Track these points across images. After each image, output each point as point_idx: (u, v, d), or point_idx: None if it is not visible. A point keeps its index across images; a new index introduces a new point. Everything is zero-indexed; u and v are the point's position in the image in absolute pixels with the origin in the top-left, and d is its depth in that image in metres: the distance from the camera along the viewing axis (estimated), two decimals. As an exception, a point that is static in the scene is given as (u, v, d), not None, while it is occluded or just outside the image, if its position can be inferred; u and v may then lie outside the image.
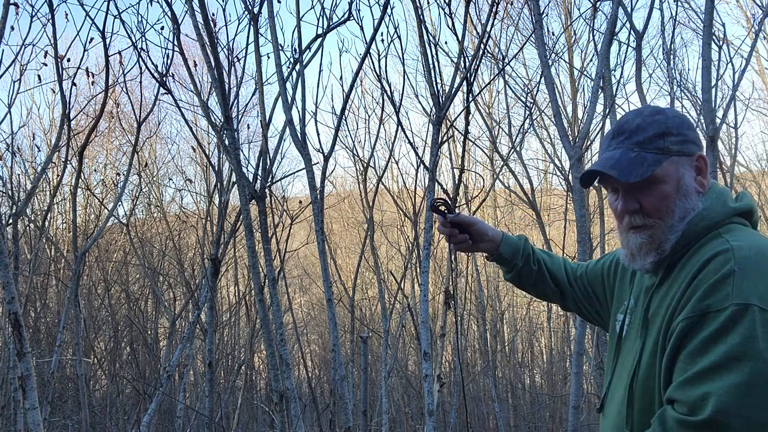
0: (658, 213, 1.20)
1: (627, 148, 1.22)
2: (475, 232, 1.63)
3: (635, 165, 1.19)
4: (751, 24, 8.71)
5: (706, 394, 0.98)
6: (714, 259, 1.09)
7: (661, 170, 1.20)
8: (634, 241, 1.23)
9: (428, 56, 4.23)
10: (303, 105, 4.43)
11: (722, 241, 1.13)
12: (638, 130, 1.23)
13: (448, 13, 4.40)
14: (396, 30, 4.61)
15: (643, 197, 1.21)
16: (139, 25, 4.36)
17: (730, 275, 1.05)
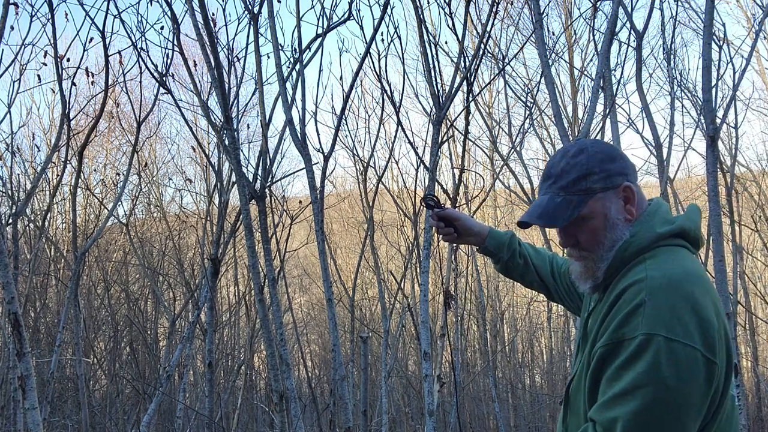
0: (591, 246, 1.32)
1: (553, 193, 1.34)
2: (460, 227, 1.80)
3: (561, 209, 1.32)
4: (751, 24, 8.71)
5: (615, 418, 1.12)
6: (629, 289, 1.20)
7: (587, 209, 1.31)
8: (574, 269, 1.38)
9: (428, 56, 4.23)
10: (303, 105, 4.43)
11: (641, 268, 1.22)
12: (562, 174, 1.33)
13: (448, 12, 4.40)
14: (396, 30, 4.61)
15: (577, 233, 1.33)
16: (139, 24, 4.36)
17: (641, 306, 1.15)
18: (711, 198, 3.89)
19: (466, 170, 6.76)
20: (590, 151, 1.33)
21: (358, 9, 4.44)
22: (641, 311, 1.14)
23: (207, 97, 5.18)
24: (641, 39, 4.89)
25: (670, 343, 1.09)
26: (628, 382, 1.11)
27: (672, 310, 1.12)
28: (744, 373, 10.15)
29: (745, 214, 8.68)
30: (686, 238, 1.30)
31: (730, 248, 7.29)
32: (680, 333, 1.10)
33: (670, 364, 1.09)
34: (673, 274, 1.18)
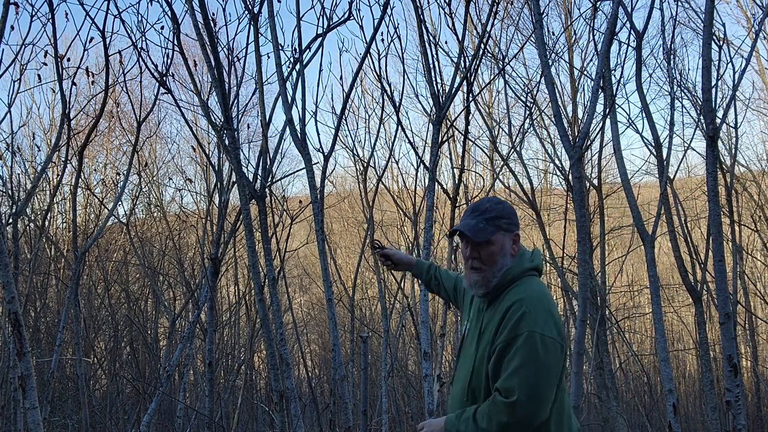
0: (487, 263, 1.98)
1: (478, 220, 1.99)
2: (395, 260, 2.69)
3: (481, 231, 1.98)
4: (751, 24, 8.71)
5: (512, 385, 1.80)
6: (516, 303, 1.89)
7: (494, 237, 1.99)
8: (472, 278, 2.01)
9: (428, 56, 4.23)
10: (303, 105, 4.44)
11: (521, 290, 1.93)
12: (486, 211, 2.00)
13: (448, 12, 4.41)
14: (396, 30, 4.62)
15: (481, 251, 1.98)
16: (139, 24, 4.36)
17: (524, 315, 1.86)
18: (711, 198, 3.89)
19: (466, 170, 6.77)
20: (505, 205, 2.04)
21: (358, 9, 4.45)
22: (524, 318, 1.85)
23: (207, 97, 5.18)
24: (641, 39, 4.89)
25: (542, 336, 1.82)
26: (519, 362, 1.80)
27: (541, 316, 1.85)
28: (744, 373, 10.14)
29: (745, 214, 8.68)
30: (538, 270, 2.03)
31: (730, 248, 7.30)
32: (547, 330, 1.83)
33: (543, 348, 1.81)
34: (538, 292, 1.94)
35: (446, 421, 1.94)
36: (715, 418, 5.59)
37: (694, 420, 9.82)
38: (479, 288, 1.99)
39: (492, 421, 1.84)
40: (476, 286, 1.99)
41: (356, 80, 4.66)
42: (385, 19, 4.35)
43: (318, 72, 5.43)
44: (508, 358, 1.82)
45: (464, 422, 1.90)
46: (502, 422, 1.82)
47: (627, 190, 4.86)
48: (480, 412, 1.88)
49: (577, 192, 4.32)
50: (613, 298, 11.46)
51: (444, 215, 7.67)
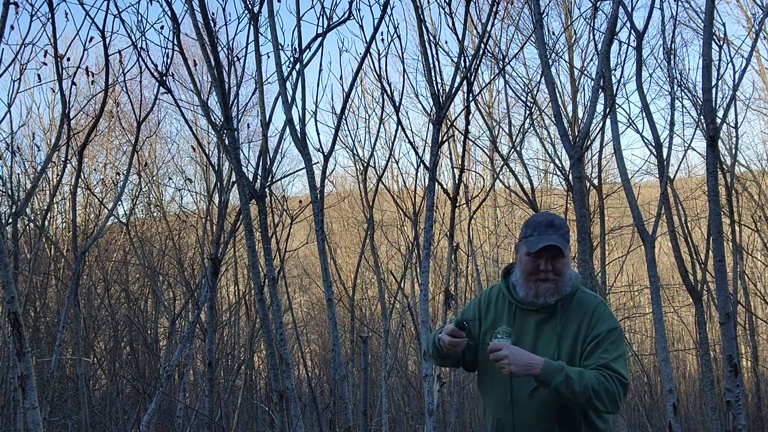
0: (560, 274, 2.14)
1: (558, 235, 2.14)
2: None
3: (563, 247, 2.13)
4: (751, 24, 8.71)
5: (622, 370, 2.04)
6: (601, 304, 2.18)
7: (566, 252, 2.16)
8: (544, 287, 2.14)
9: (428, 56, 4.23)
10: (303, 104, 4.44)
11: (592, 296, 2.21)
12: (560, 227, 2.17)
13: (449, 12, 4.41)
14: (396, 29, 4.62)
15: (555, 264, 2.13)
16: (139, 24, 4.35)
17: (609, 313, 2.17)
18: (711, 198, 3.89)
19: (466, 170, 6.77)
20: (563, 220, 2.25)
21: (358, 9, 4.44)
22: (608, 315, 2.15)
23: (207, 97, 5.17)
24: (641, 39, 4.88)
25: (620, 329, 2.16)
26: (621, 351, 2.09)
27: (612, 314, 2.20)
28: (744, 373, 10.14)
29: (745, 214, 8.67)
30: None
31: (730, 248, 7.29)
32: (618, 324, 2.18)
33: (623, 338, 2.16)
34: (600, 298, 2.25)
35: (545, 362, 1.99)
36: (715, 418, 5.59)
37: (694, 420, 9.82)
38: (551, 296, 2.13)
39: (608, 389, 1.98)
40: (548, 294, 2.13)
41: (356, 80, 4.66)
42: (385, 18, 4.35)
43: (318, 72, 5.41)
44: (610, 344, 2.06)
45: (576, 374, 1.97)
46: (613, 394, 1.98)
47: (627, 190, 4.86)
48: (591, 375, 1.99)
49: (577, 192, 4.32)
50: (614, 298, 11.45)
51: (444, 215, 7.66)
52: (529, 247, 2.14)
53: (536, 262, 2.13)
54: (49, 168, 8.30)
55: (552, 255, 2.12)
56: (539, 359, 2.00)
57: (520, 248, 2.22)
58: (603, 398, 1.97)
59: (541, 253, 2.12)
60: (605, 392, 1.97)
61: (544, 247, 2.11)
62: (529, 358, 2.00)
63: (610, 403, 1.98)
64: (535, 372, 1.98)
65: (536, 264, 2.13)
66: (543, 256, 2.12)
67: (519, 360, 1.99)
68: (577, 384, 1.96)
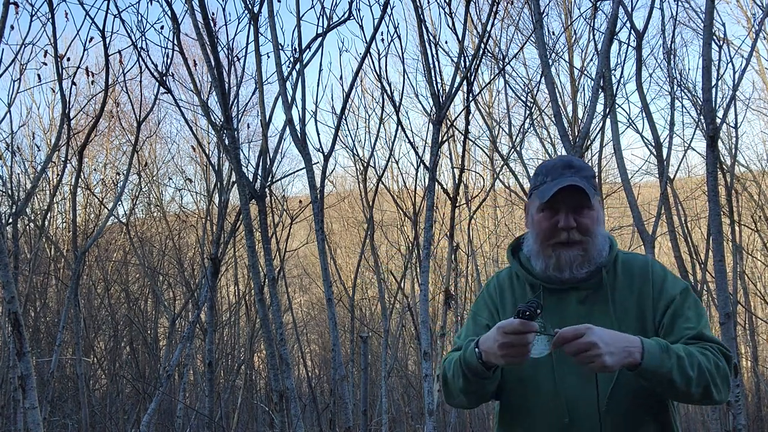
0: (587, 232, 1.56)
1: (580, 178, 1.57)
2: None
3: (588, 190, 1.55)
4: (751, 24, 8.70)
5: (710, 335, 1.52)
6: (653, 263, 1.64)
7: (594, 200, 1.58)
8: (568, 255, 1.55)
9: (428, 56, 4.23)
10: (303, 104, 4.44)
11: (635, 254, 1.69)
12: (582, 168, 1.60)
13: (448, 12, 4.41)
14: (396, 29, 4.62)
15: (580, 218, 1.55)
16: (139, 24, 4.36)
17: (667, 273, 1.62)
18: (711, 198, 3.89)
19: (466, 170, 6.77)
20: (587, 164, 1.67)
21: (358, 9, 4.44)
22: (670, 274, 1.62)
23: (207, 97, 5.17)
24: (641, 39, 4.89)
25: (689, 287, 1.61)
26: (704, 314, 1.57)
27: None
28: (744, 373, 10.14)
29: (745, 214, 8.67)
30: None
31: (730, 248, 7.29)
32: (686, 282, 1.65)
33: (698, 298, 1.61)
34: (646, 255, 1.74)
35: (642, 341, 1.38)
36: (715, 418, 5.59)
37: (694, 420, 9.82)
38: (579, 267, 1.54)
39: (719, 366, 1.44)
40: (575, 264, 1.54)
41: (356, 80, 4.66)
42: (385, 18, 4.35)
43: (318, 72, 5.42)
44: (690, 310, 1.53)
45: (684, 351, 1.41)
46: (725, 372, 1.45)
47: (627, 190, 4.86)
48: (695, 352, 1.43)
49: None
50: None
51: (444, 215, 7.66)
52: (541, 196, 1.55)
53: (553, 219, 1.54)
54: (49, 168, 8.29)
55: (574, 205, 1.53)
56: (634, 338, 1.38)
57: (530, 206, 1.63)
58: (718, 381, 1.42)
59: (559, 203, 1.53)
60: (718, 372, 1.42)
61: (562, 194, 1.52)
62: (624, 338, 1.37)
63: (724, 387, 1.44)
64: (635, 359, 1.35)
65: (553, 222, 1.54)
66: (561, 208, 1.54)
67: (615, 344, 1.34)
68: (689, 365, 1.38)
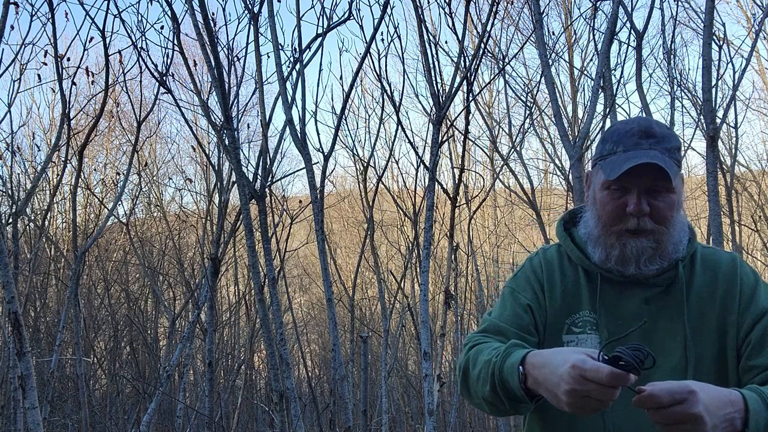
0: (664, 220, 1.24)
1: (660, 151, 1.24)
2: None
3: (669, 169, 1.21)
4: (751, 24, 8.70)
5: None
6: (742, 264, 1.31)
7: (677, 181, 1.25)
8: (635, 246, 1.24)
9: (428, 56, 4.23)
10: (303, 104, 4.43)
11: (718, 250, 1.35)
12: (664, 138, 1.26)
13: (448, 12, 4.40)
14: (396, 29, 4.62)
15: (656, 203, 1.24)
16: (139, 24, 4.35)
17: (759, 277, 1.30)
18: (711, 198, 3.89)
19: (466, 170, 6.76)
20: (671, 131, 1.30)
21: (358, 9, 4.44)
22: (764, 284, 1.29)
23: (207, 97, 5.17)
24: (641, 39, 4.89)
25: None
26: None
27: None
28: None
29: (745, 214, 8.67)
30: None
31: (730, 248, 7.29)
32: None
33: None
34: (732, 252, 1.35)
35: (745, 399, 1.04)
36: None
37: None
38: (650, 262, 1.24)
39: None
40: (643, 258, 1.24)
41: (356, 80, 4.66)
42: (385, 18, 4.35)
43: (318, 72, 5.44)
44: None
45: None
46: None
47: (627, 190, 4.84)
48: None
49: (577, 192, 4.32)
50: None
51: (444, 215, 7.66)
52: (608, 171, 1.23)
53: (621, 200, 1.24)
54: (49, 168, 8.29)
55: (649, 185, 1.22)
56: (736, 396, 1.04)
57: (593, 178, 1.32)
58: None
59: (630, 182, 1.22)
60: None
61: (637, 170, 1.20)
62: (727, 401, 1.02)
63: None
64: (736, 427, 1.01)
65: (621, 203, 1.24)
66: (632, 187, 1.22)
67: (718, 412, 0.99)
68: None
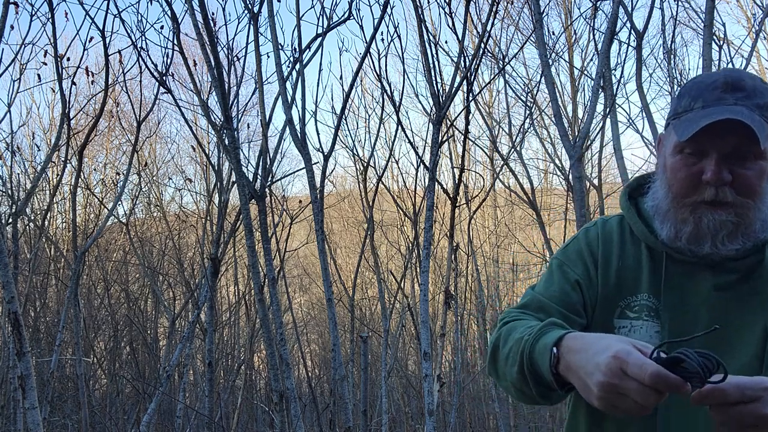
0: (751, 192, 1.03)
1: (749, 108, 1.01)
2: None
3: (760, 129, 0.99)
4: (751, 24, 8.70)
5: None
6: None
7: (766, 146, 1.01)
8: (711, 219, 1.03)
9: (428, 56, 4.23)
10: (303, 104, 4.44)
11: None
12: (756, 92, 1.04)
13: (448, 12, 4.40)
14: (396, 29, 4.62)
15: (741, 170, 1.03)
16: (139, 24, 4.35)
17: None
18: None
19: (466, 170, 6.76)
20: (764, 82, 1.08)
21: (358, 9, 4.44)
22: None
23: (207, 97, 5.17)
24: (641, 39, 4.89)
25: None
26: None
27: None
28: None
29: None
30: None
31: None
32: None
33: None
34: None
35: None
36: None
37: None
38: (731, 239, 1.05)
39: None
40: (722, 236, 1.04)
41: (356, 80, 4.66)
42: (385, 18, 4.35)
43: (318, 72, 5.43)
44: None
45: None
46: None
47: (627, 190, 4.84)
48: None
49: (577, 192, 4.32)
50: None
51: (444, 215, 7.66)
52: (681, 131, 1.04)
53: (697, 167, 1.04)
54: (49, 168, 8.29)
55: (731, 149, 1.02)
56: None
57: (665, 141, 1.12)
58: None
59: (707, 144, 1.03)
60: None
61: (715, 130, 1.00)
62: None
63: None
64: None
65: (696, 170, 1.04)
66: (711, 151, 1.03)
67: None
68: None
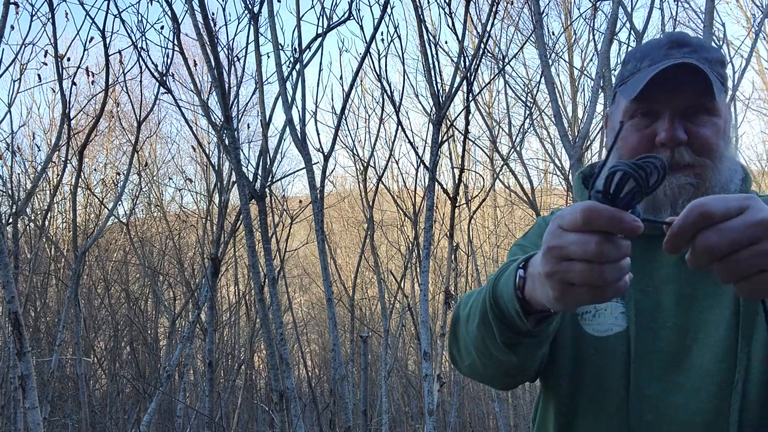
0: (710, 151, 0.95)
1: (697, 60, 0.94)
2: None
3: (711, 79, 0.92)
4: (751, 24, 8.70)
5: None
6: None
7: (721, 102, 0.96)
8: (669, 184, 0.95)
9: (428, 56, 4.23)
10: (303, 104, 4.43)
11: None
12: (703, 47, 0.98)
13: (448, 12, 4.40)
14: (396, 29, 4.63)
15: (696, 128, 0.95)
16: (139, 24, 4.36)
17: None
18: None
19: (466, 170, 6.77)
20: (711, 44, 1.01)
21: (358, 9, 4.46)
22: None
23: (207, 97, 5.18)
24: (641, 39, 4.89)
25: None
26: None
27: None
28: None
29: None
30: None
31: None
32: None
33: None
34: None
35: None
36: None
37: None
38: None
39: None
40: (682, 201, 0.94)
41: (356, 80, 4.66)
42: (385, 18, 4.35)
43: (318, 72, 5.45)
44: None
45: None
46: None
47: (627, 190, 4.84)
48: None
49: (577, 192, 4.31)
50: (613, 298, 11.43)
51: (444, 215, 7.66)
52: (629, 92, 0.97)
53: (649, 129, 0.97)
54: (49, 168, 8.29)
55: (685, 104, 0.95)
56: None
57: (612, 115, 1.06)
58: None
59: (659, 103, 0.95)
60: None
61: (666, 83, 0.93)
62: None
63: None
64: None
65: (649, 133, 0.97)
66: (663, 110, 0.95)
67: None
68: None
